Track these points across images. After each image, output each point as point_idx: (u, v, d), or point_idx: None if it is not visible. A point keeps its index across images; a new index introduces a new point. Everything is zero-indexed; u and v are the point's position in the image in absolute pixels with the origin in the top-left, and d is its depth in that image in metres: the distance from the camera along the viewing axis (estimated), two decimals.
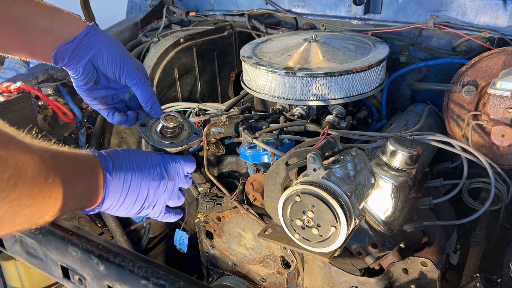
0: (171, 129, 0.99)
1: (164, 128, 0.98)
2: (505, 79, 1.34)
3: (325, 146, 1.05)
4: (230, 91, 2.30)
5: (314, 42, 1.59)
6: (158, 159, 0.92)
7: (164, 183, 0.91)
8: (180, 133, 1.01)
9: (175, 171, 0.94)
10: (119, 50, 0.99)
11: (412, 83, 1.68)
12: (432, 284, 1.09)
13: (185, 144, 0.98)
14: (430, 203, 1.35)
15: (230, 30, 2.18)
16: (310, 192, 0.93)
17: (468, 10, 1.68)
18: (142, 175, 0.87)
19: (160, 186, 0.90)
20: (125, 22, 2.40)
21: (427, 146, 1.43)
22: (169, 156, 0.95)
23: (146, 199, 0.88)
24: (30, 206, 0.62)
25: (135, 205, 0.88)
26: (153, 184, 0.89)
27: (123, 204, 0.85)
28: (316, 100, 1.43)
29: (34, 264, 1.12)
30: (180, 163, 0.96)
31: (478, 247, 1.36)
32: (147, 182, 0.87)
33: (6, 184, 0.57)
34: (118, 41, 1.01)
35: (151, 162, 0.90)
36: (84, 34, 0.95)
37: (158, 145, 0.97)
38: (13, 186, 0.59)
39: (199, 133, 1.03)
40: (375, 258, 1.23)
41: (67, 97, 1.86)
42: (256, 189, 1.30)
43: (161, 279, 0.79)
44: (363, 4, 1.84)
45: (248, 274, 1.55)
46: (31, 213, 0.63)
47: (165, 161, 0.93)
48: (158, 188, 0.90)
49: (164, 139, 0.98)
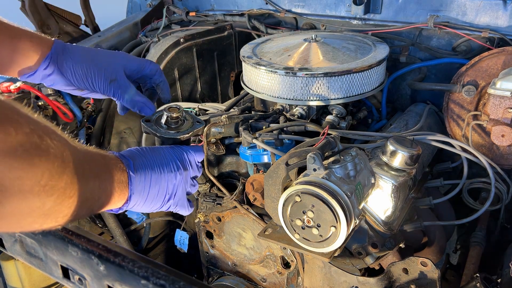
0: (175, 119, 1.04)
1: (169, 119, 1.03)
2: (505, 79, 1.34)
3: (325, 146, 1.05)
4: (230, 91, 2.30)
5: (314, 42, 1.59)
6: (170, 152, 0.97)
7: (180, 173, 0.95)
8: (184, 123, 1.06)
9: (187, 161, 0.99)
10: (82, 72, 1.02)
11: (412, 83, 1.68)
12: (432, 284, 1.09)
13: (191, 131, 1.04)
14: (430, 203, 1.35)
15: (230, 30, 2.18)
16: (310, 192, 0.93)
17: (468, 10, 1.68)
18: (160, 169, 0.91)
19: (177, 176, 0.94)
20: (125, 22, 2.40)
21: (427, 146, 1.43)
22: (180, 148, 1.00)
23: (166, 191, 0.93)
24: (73, 196, 0.64)
25: (158, 199, 0.92)
26: (171, 176, 0.93)
27: (147, 199, 0.89)
28: (316, 100, 1.43)
29: (34, 264, 1.12)
30: (191, 153, 1.00)
31: (478, 247, 1.36)
32: (165, 175, 0.92)
33: (55, 172, 0.60)
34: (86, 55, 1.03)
35: (165, 156, 0.95)
36: (46, 65, 0.99)
37: (167, 135, 1.02)
38: (61, 175, 0.61)
39: (201, 121, 1.08)
40: (375, 258, 1.23)
41: (67, 97, 1.86)
42: (256, 189, 1.29)
43: (161, 279, 0.79)
44: (363, 4, 1.84)
45: (248, 274, 1.55)
46: (73, 204, 0.65)
47: (178, 153, 0.98)
48: (175, 179, 0.94)
49: (170, 130, 1.03)
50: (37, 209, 0.60)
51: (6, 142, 0.53)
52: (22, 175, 0.55)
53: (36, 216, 0.61)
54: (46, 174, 0.58)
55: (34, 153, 0.57)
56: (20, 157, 0.55)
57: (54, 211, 0.62)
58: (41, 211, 0.60)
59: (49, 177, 0.59)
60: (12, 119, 0.55)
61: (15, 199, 0.55)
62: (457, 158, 1.48)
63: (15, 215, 0.58)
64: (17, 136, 0.55)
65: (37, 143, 0.58)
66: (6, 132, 0.54)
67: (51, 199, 0.60)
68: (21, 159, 0.55)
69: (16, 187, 0.55)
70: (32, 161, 0.56)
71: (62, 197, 0.62)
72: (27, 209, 0.58)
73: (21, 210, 0.57)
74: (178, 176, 0.95)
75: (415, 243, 1.42)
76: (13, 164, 0.54)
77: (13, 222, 0.59)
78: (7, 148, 0.53)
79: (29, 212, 0.59)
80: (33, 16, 2.20)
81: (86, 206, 0.71)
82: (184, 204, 1.01)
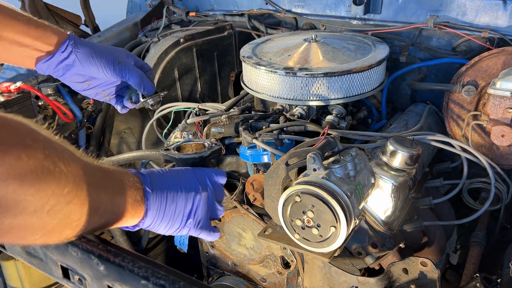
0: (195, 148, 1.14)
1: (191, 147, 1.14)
2: (505, 79, 1.34)
3: (325, 146, 1.05)
4: (230, 91, 2.30)
5: (314, 42, 1.59)
6: (190, 172, 0.97)
7: (199, 193, 0.94)
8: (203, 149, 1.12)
9: (208, 182, 0.98)
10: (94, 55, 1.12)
11: (412, 83, 1.68)
12: (432, 284, 1.09)
13: (209, 152, 1.07)
14: (430, 203, 1.35)
15: (230, 30, 2.18)
16: (310, 192, 0.93)
17: (468, 10, 1.68)
18: (178, 188, 0.91)
19: (196, 196, 0.93)
20: (125, 22, 2.40)
21: (427, 146, 1.43)
22: (200, 169, 1.00)
23: (184, 211, 0.91)
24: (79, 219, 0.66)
25: (176, 218, 0.90)
26: (189, 195, 0.92)
27: (164, 217, 0.88)
28: (316, 100, 1.43)
29: (34, 264, 1.12)
30: (212, 174, 1.00)
31: (478, 247, 1.36)
32: (183, 194, 0.91)
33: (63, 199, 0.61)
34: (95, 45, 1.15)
35: (184, 176, 0.95)
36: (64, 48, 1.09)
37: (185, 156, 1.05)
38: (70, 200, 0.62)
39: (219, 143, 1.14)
40: (375, 258, 1.23)
41: (67, 97, 1.86)
42: (256, 189, 1.29)
43: (161, 279, 0.79)
44: (363, 4, 1.84)
45: (248, 274, 1.55)
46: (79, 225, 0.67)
47: (197, 173, 0.98)
48: (194, 198, 0.93)
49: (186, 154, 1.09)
50: (40, 229, 0.61)
51: (16, 167, 0.55)
52: (27, 198, 0.56)
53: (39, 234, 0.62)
54: (52, 199, 0.59)
55: (43, 179, 0.58)
56: (28, 182, 0.56)
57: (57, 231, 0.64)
58: (44, 230, 0.62)
59: (55, 202, 0.60)
60: (26, 145, 0.57)
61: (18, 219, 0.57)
62: (457, 158, 1.48)
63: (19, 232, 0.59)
64: (29, 161, 0.56)
65: (49, 169, 0.59)
66: (18, 157, 0.55)
67: (54, 221, 0.62)
68: (28, 184, 0.56)
69: (20, 208, 0.56)
70: (40, 186, 0.57)
71: (67, 220, 0.64)
72: (30, 228, 0.60)
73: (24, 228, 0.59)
74: (198, 196, 0.93)
75: (415, 243, 1.42)
76: (19, 188, 0.55)
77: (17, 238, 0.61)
78: (16, 173, 0.55)
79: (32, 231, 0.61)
80: (33, 16, 2.19)
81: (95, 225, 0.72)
82: (206, 227, 0.98)
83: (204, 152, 1.06)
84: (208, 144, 1.11)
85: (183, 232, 0.94)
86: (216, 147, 1.09)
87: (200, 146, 1.13)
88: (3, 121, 0.56)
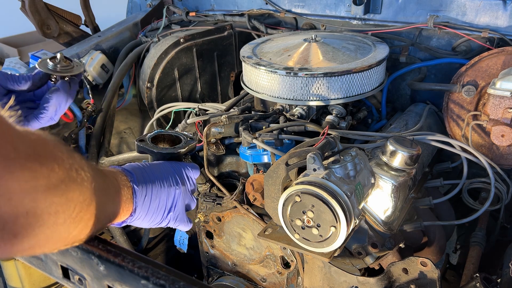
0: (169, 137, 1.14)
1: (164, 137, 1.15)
2: (505, 79, 1.34)
3: (325, 146, 1.05)
4: (230, 91, 2.30)
5: (314, 42, 1.59)
6: (169, 167, 1.00)
7: (179, 187, 0.98)
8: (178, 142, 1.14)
9: (185, 176, 1.02)
10: None
11: (412, 83, 1.68)
12: (432, 284, 1.09)
13: (186, 147, 1.10)
14: (430, 203, 1.35)
15: (230, 30, 2.18)
16: (310, 192, 0.93)
17: (468, 10, 1.68)
18: (160, 183, 0.94)
19: (176, 190, 0.97)
20: (125, 22, 2.40)
21: (427, 146, 1.43)
22: (178, 164, 1.04)
23: (166, 205, 0.95)
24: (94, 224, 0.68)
25: (158, 212, 0.94)
26: (171, 190, 0.96)
27: (148, 213, 0.91)
28: (316, 100, 1.43)
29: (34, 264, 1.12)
30: (188, 169, 1.04)
31: (478, 247, 1.36)
32: (165, 189, 0.95)
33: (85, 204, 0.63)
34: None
35: (165, 171, 0.98)
36: None
37: (165, 151, 1.07)
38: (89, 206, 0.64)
39: (194, 137, 1.15)
40: (375, 258, 1.23)
41: None
42: (256, 189, 1.29)
43: (161, 279, 0.79)
44: (363, 4, 1.84)
45: (248, 274, 1.55)
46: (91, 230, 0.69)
47: (176, 168, 1.01)
48: (175, 193, 0.97)
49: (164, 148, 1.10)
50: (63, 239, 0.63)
51: (51, 178, 0.56)
52: (59, 209, 0.58)
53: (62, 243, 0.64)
54: (77, 206, 0.61)
55: (71, 187, 0.60)
56: (59, 192, 0.58)
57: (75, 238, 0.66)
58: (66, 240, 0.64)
59: (80, 209, 0.62)
60: (56, 156, 0.59)
61: (48, 231, 0.58)
62: (457, 158, 1.48)
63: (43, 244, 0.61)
64: (59, 172, 0.58)
65: (74, 177, 0.61)
66: (52, 169, 0.57)
67: (77, 229, 0.64)
68: (61, 194, 0.58)
69: (52, 220, 0.58)
70: (69, 195, 0.60)
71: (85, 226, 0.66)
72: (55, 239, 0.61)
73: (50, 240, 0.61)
74: (177, 190, 0.97)
75: (415, 243, 1.42)
76: (53, 199, 0.57)
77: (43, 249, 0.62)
78: (51, 184, 0.56)
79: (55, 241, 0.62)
80: (33, 16, 2.19)
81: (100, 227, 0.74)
82: (183, 219, 1.03)
83: (181, 147, 1.09)
84: (184, 138, 1.14)
85: (162, 224, 0.98)
86: (192, 142, 1.12)
87: (174, 138, 1.16)
88: (35, 136, 0.57)
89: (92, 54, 2.07)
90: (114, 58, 2.13)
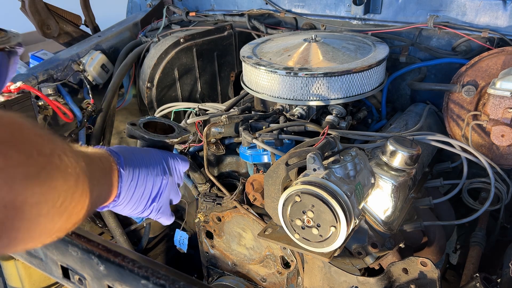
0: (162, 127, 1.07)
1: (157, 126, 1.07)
2: (505, 79, 1.34)
3: (325, 146, 1.05)
4: (230, 91, 2.30)
5: (314, 42, 1.59)
6: (159, 155, 0.95)
7: (166, 177, 0.93)
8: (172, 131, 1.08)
9: (174, 167, 0.98)
10: None
11: (412, 83, 1.68)
12: (432, 284, 1.09)
13: (180, 137, 1.04)
14: (430, 203, 1.35)
15: (230, 30, 2.18)
16: (310, 192, 0.93)
17: (468, 10, 1.68)
18: (147, 170, 0.89)
19: (163, 180, 0.92)
20: (125, 22, 2.40)
21: (427, 146, 1.43)
22: (168, 153, 0.99)
23: (151, 194, 0.90)
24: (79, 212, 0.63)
25: (142, 200, 0.89)
26: (158, 179, 0.91)
27: (132, 199, 0.86)
28: (316, 100, 1.43)
29: (34, 264, 1.12)
30: (177, 160, 0.99)
31: (478, 247, 1.36)
32: (152, 177, 0.90)
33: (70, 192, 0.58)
34: None
35: (154, 158, 0.93)
36: None
37: (156, 138, 1.01)
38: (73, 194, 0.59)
39: (188, 130, 1.10)
40: (375, 258, 1.23)
41: (67, 97, 1.86)
42: (256, 189, 1.30)
43: (161, 279, 0.79)
44: (363, 4, 1.84)
45: (248, 274, 1.55)
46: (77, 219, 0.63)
47: (166, 157, 0.96)
48: (161, 183, 0.92)
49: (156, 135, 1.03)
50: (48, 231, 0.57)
51: (30, 165, 0.51)
52: (41, 199, 0.53)
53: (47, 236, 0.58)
54: (62, 195, 0.56)
55: (54, 175, 0.54)
56: (42, 181, 0.52)
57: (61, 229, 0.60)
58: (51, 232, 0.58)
59: (64, 198, 0.57)
60: (34, 141, 0.53)
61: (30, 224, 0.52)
62: (457, 158, 1.48)
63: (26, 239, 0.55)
64: (39, 158, 0.52)
65: (57, 164, 0.55)
66: (29, 155, 0.51)
67: (62, 219, 0.58)
68: (43, 183, 0.52)
69: (34, 212, 0.52)
70: (52, 184, 0.54)
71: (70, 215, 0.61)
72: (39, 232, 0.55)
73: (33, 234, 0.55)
74: (164, 180, 0.93)
75: (415, 243, 1.42)
76: (34, 189, 0.51)
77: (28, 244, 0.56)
78: (31, 172, 0.51)
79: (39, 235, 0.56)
80: (33, 16, 2.20)
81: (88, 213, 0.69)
82: (166, 212, 0.97)
83: (174, 137, 1.03)
84: (178, 128, 1.08)
85: (143, 214, 0.93)
86: (185, 134, 1.07)
87: (167, 127, 1.10)
88: (8, 119, 0.52)
89: (92, 54, 2.07)
90: (114, 58, 2.14)
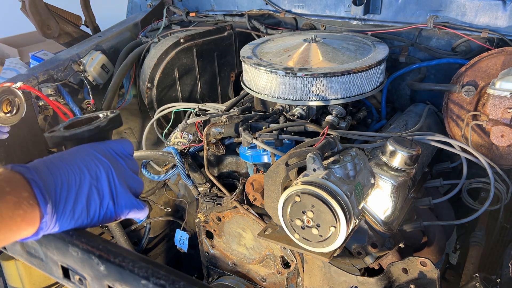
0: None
1: None
2: (505, 79, 1.34)
3: (325, 146, 1.05)
4: (230, 91, 2.30)
5: (314, 43, 1.59)
6: (87, 149, 0.82)
7: (105, 169, 0.80)
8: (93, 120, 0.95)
9: (113, 154, 0.84)
10: None
11: (411, 83, 1.68)
12: (432, 284, 1.10)
13: (106, 120, 0.91)
14: (430, 203, 1.35)
15: (230, 31, 2.18)
16: (310, 192, 0.93)
17: (467, 10, 1.68)
18: (77, 172, 0.77)
19: (103, 174, 0.79)
20: (125, 22, 2.40)
21: (427, 146, 1.43)
22: (99, 143, 0.85)
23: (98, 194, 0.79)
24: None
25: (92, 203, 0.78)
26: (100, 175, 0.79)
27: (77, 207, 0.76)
28: (316, 100, 1.43)
29: (35, 264, 1.12)
30: (116, 145, 0.86)
31: (477, 247, 1.36)
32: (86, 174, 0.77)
33: None
34: None
35: (81, 155, 0.80)
36: None
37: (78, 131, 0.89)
38: None
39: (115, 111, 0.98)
40: (375, 258, 1.23)
41: (67, 97, 1.86)
42: (256, 189, 1.30)
43: (161, 279, 0.79)
44: (363, 4, 1.84)
45: (248, 274, 1.55)
46: None
47: (97, 148, 0.83)
48: (103, 177, 0.80)
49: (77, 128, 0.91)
50: None
51: None
52: None
53: None
54: None
55: None
56: None
57: None
58: None
59: None
60: None
61: None
62: (457, 158, 1.48)
63: None
64: None
65: None
66: None
67: None
68: None
69: None
70: None
71: None
72: None
73: None
74: (103, 171, 0.79)
75: (415, 243, 1.42)
76: None
77: None
78: None
79: None
80: (34, 16, 2.20)
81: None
82: (132, 204, 0.85)
83: (100, 122, 0.89)
84: (104, 114, 0.94)
85: (107, 219, 0.83)
86: (112, 115, 0.92)
87: (94, 118, 0.95)
88: None
89: (92, 55, 2.07)
90: (114, 58, 2.14)
